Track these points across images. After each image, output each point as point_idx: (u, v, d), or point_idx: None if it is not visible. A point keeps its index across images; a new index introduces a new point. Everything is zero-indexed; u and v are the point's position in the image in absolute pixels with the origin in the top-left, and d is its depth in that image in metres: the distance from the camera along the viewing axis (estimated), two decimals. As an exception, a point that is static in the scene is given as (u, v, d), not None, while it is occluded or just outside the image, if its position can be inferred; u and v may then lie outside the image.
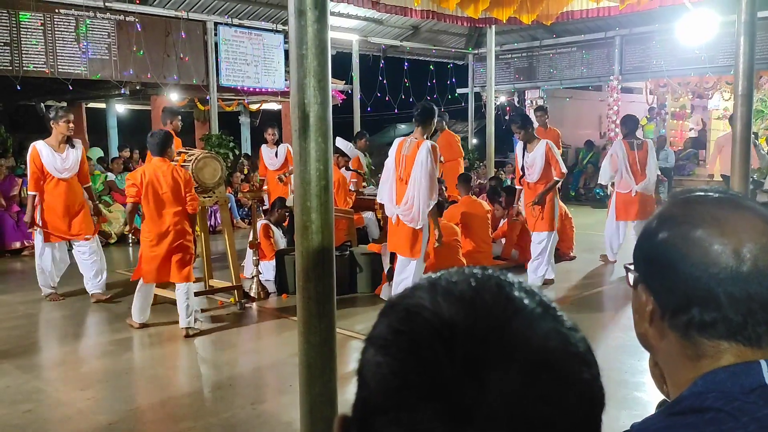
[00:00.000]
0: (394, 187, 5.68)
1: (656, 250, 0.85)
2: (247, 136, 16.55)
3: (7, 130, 10.09)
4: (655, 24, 12.98)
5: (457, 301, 0.52)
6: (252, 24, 11.97)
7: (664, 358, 0.88)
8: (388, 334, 0.53)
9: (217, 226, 10.06)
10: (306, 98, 2.58)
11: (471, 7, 8.92)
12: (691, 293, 0.81)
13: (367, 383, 0.52)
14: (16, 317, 5.94)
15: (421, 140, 5.59)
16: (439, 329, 0.50)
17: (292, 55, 2.61)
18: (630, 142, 7.30)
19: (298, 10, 2.56)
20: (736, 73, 5.09)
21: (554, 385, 0.49)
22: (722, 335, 0.81)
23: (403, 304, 0.55)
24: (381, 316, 0.56)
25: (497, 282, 0.55)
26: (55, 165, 6.14)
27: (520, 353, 0.49)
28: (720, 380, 0.80)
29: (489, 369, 0.48)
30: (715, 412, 0.77)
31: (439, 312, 0.51)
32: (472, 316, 0.51)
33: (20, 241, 8.93)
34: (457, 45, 16.05)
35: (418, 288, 0.56)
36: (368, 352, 0.54)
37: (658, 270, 0.85)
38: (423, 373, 0.49)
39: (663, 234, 0.85)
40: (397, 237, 5.73)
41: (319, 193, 2.62)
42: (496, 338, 0.50)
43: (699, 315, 0.81)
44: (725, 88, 13.74)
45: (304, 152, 2.60)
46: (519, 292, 0.54)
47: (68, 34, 9.79)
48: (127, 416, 3.86)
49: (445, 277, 0.56)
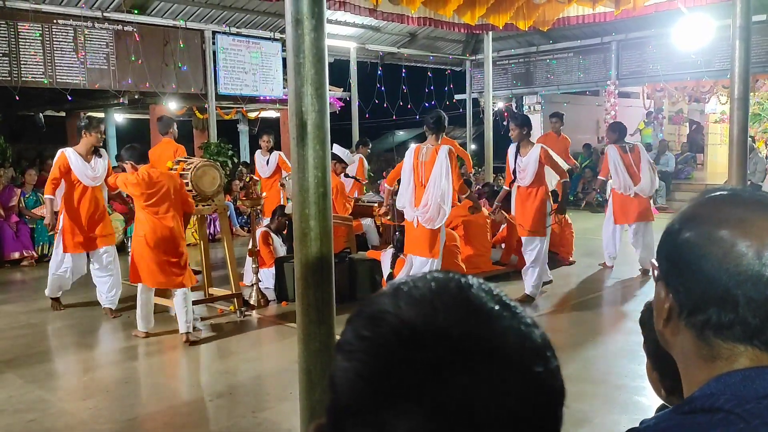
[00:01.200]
0: (414, 192, 5.95)
1: (678, 248, 0.84)
2: (245, 144, 16.58)
3: (6, 141, 10.10)
4: (651, 29, 13.04)
5: (418, 303, 0.55)
6: (250, 32, 12.01)
7: (679, 356, 0.88)
8: (353, 339, 0.55)
9: (216, 234, 10.06)
10: (303, 106, 2.60)
11: (468, 14, 8.96)
12: (709, 294, 0.80)
13: (336, 388, 0.55)
14: (18, 327, 5.94)
15: (437, 146, 5.89)
16: (400, 332, 0.53)
17: (290, 64, 2.63)
18: (621, 146, 7.52)
19: (295, 19, 2.58)
20: (732, 77, 5.12)
21: (513, 380, 0.52)
22: (738, 338, 0.80)
23: (367, 311, 0.57)
24: (348, 323, 0.58)
25: (457, 284, 0.57)
26: (86, 173, 6.16)
27: (479, 351, 0.52)
28: (733, 383, 0.79)
29: (449, 367, 0.51)
30: (725, 414, 0.76)
31: (400, 315, 0.54)
32: (431, 317, 0.53)
33: (19, 251, 8.93)
34: (455, 51, 16.10)
35: (383, 294, 0.58)
36: (337, 358, 0.56)
37: (678, 268, 0.84)
38: (386, 374, 0.51)
39: (686, 233, 0.84)
40: (417, 239, 5.96)
41: (317, 200, 2.64)
42: (454, 338, 0.52)
43: (716, 316, 0.80)
44: (722, 92, 13.79)
45: (302, 160, 2.62)
46: (478, 293, 0.56)
47: (67, 45, 9.83)
48: (128, 425, 3.86)
49: (409, 282, 0.58)
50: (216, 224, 9.86)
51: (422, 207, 5.84)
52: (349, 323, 0.58)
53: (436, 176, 5.78)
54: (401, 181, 6.18)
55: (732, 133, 5.22)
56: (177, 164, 6.17)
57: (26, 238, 9.05)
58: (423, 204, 5.84)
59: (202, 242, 6.48)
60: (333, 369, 0.56)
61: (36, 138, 16.10)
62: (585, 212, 13.17)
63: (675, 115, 17.06)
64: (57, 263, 6.26)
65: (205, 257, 6.46)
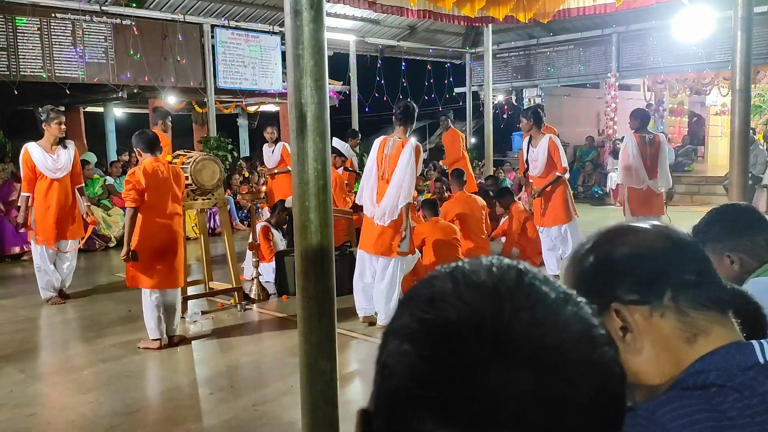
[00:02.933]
0: (376, 186, 5.53)
1: (612, 263, 0.94)
2: (245, 138, 16.55)
3: (6, 135, 10.08)
4: (651, 21, 13.00)
5: (479, 288, 0.53)
6: (249, 26, 11.97)
7: (650, 359, 0.92)
8: (413, 322, 0.53)
9: (216, 228, 10.06)
10: (303, 98, 2.58)
11: (467, 6, 8.92)
12: (661, 275, 0.93)
13: (392, 373, 0.53)
14: (18, 321, 5.94)
15: (405, 140, 5.47)
16: (464, 314, 0.51)
17: (289, 55, 2.61)
18: (642, 137, 6.90)
19: (294, 10, 2.56)
20: (734, 69, 5.09)
21: (578, 368, 0.51)
22: (703, 303, 0.91)
23: (423, 294, 0.55)
24: (401, 307, 0.57)
25: (516, 271, 0.56)
26: (47, 165, 6.16)
27: (546, 337, 0.51)
28: (716, 360, 0.87)
29: (516, 351, 0.50)
30: (718, 388, 0.83)
31: (463, 299, 0.52)
32: (496, 303, 0.52)
33: (20, 246, 8.93)
34: (454, 44, 16.05)
35: (436, 278, 0.57)
36: (391, 343, 0.54)
37: (623, 277, 0.93)
38: (452, 356, 0.50)
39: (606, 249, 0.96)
40: (375, 237, 5.54)
41: (317, 192, 2.62)
42: (522, 324, 0.51)
43: (674, 288, 0.92)
44: (723, 84, 13.76)
45: (302, 152, 2.60)
46: (537, 280, 0.56)
47: (65, 39, 9.80)
48: (128, 419, 3.86)
49: (464, 267, 0.57)
50: (216, 218, 9.85)
51: (382, 203, 5.42)
52: (402, 306, 0.57)
53: (399, 171, 5.36)
54: (363, 173, 5.75)
55: (733, 124, 5.19)
56: (176, 158, 6.15)
57: (26, 232, 9.04)
58: (384, 200, 5.41)
59: (203, 236, 6.47)
60: (386, 353, 0.54)
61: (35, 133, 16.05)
62: (585, 205, 13.15)
63: (676, 108, 17.03)
64: (35, 256, 6.35)
65: (206, 251, 6.46)
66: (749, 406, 0.81)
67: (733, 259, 1.93)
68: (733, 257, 1.92)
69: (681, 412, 0.82)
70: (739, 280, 1.86)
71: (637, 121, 6.97)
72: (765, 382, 0.83)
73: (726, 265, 1.94)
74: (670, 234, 0.96)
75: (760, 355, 0.87)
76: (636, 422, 0.84)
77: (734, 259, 1.93)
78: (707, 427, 0.80)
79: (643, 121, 6.98)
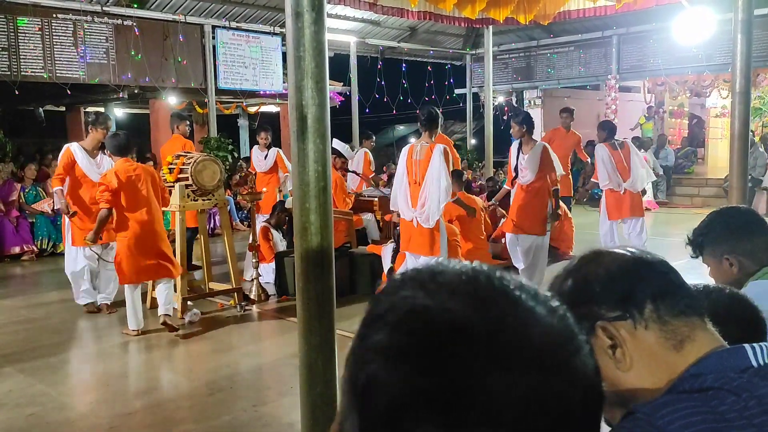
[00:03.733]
0: (409, 191, 5.81)
1: (591, 283, 0.99)
2: (245, 138, 16.56)
3: (6, 135, 10.09)
4: (652, 23, 13.00)
5: (460, 295, 0.52)
6: (250, 27, 11.98)
7: (643, 372, 0.94)
8: (399, 337, 0.51)
9: (216, 229, 10.06)
10: (304, 99, 2.59)
11: (468, 8, 8.92)
12: (638, 289, 0.97)
13: (384, 393, 0.50)
14: (18, 321, 5.94)
15: (432, 144, 5.75)
16: (456, 323, 0.50)
17: (290, 57, 2.62)
18: (611, 143, 7.55)
19: (295, 12, 2.57)
20: (734, 71, 5.10)
21: (569, 364, 0.53)
22: (681, 310, 0.95)
23: (400, 307, 0.53)
24: (372, 323, 0.54)
25: (485, 274, 0.56)
26: (92, 168, 6.14)
27: (537, 339, 0.52)
28: (711, 363, 0.90)
29: (512, 355, 0.50)
30: (716, 391, 0.85)
31: (448, 308, 0.51)
32: (481, 309, 0.52)
33: (19, 246, 8.93)
34: (455, 46, 16.06)
35: (402, 288, 0.55)
36: (374, 362, 0.51)
37: (603, 296, 0.97)
38: (451, 366, 0.49)
39: (582, 271, 1.01)
40: (417, 239, 5.84)
41: (317, 194, 2.62)
42: (510, 327, 0.51)
43: (653, 298, 0.95)
44: (723, 86, 13.76)
45: (303, 154, 2.61)
46: (507, 282, 0.55)
47: (66, 39, 9.80)
48: (128, 419, 3.86)
49: (425, 274, 0.56)
50: (216, 219, 9.86)
51: (420, 207, 5.74)
52: (376, 323, 0.53)
53: (433, 174, 5.66)
54: (395, 180, 6.06)
55: (733, 127, 5.20)
56: (177, 158, 6.16)
57: (26, 232, 9.05)
58: (420, 204, 5.74)
59: (203, 237, 6.48)
60: (368, 373, 0.51)
61: (36, 133, 16.08)
62: (584, 206, 13.15)
63: (676, 110, 17.04)
64: (71, 261, 6.16)
65: (205, 252, 6.46)
66: (746, 408, 0.82)
67: (732, 262, 1.93)
68: (732, 260, 1.93)
69: (679, 414, 0.83)
70: (738, 283, 1.86)
71: (605, 132, 7.72)
72: (761, 385, 0.85)
73: (725, 267, 1.94)
74: (638, 252, 1.02)
75: (753, 359, 0.90)
76: (636, 425, 0.85)
77: (733, 262, 1.93)
78: (705, 429, 0.81)
79: (610, 131, 7.73)
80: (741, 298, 1.39)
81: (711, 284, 1.47)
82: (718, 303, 1.27)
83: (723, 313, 1.12)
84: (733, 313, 1.27)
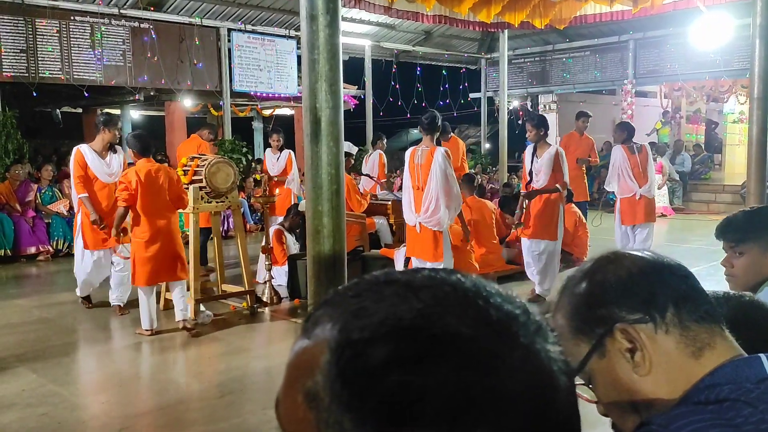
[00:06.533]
0: (413, 196, 5.78)
1: (612, 284, 0.96)
2: (260, 141, 16.62)
3: (23, 137, 10.18)
4: (669, 27, 12.91)
5: (461, 304, 0.50)
6: (265, 30, 12.04)
7: (661, 378, 0.92)
8: (406, 350, 0.46)
9: (229, 231, 10.09)
10: (318, 102, 2.58)
11: (483, 12, 8.91)
12: (660, 292, 0.94)
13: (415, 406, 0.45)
14: (31, 321, 5.98)
15: (433, 147, 5.68)
16: (474, 332, 0.48)
17: (304, 60, 2.62)
18: (629, 147, 7.29)
19: (310, 15, 2.57)
20: (752, 76, 5.05)
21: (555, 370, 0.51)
22: (701, 315, 0.93)
23: (404, 317, 0.48)
24: (380, 340, 0.47)
25: (473, 284, 0.53)
26: (102, 169, 6.16)
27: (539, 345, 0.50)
28: (726, 374, 0.88)
29: (530, 359, 0.49)
30: (732, 402, 0.83)
31: (460, 314, 0.49)
32: (485, 314, 0.50)
33: (35, 246, 9.01)
34: (470, 50, 16.04)
35: (388, 297, 0.50)
36: (394, 374, 0.45)
37: (625, 297, 0.95)
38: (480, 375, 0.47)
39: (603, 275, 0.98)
40: (420, 243, 5.81)
41: (330, 197, 2.62)
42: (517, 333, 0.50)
43: (675, 303, 0.93)
44: (741, 92, 13.63)
45: (316, 156, 2.60)
46: (491, 293, 0.52)
47: (83, 41, 9.90)
48: (139, 420, 3.87)
49: (404, 280, 0.52)
50: (230, 221, 9.89)
51: (424, 212, 5.69)
52: (385, 338, 0.47)
53: (435, 178, 5.59)
54: (403, 186, 6.05)
55: (751, 133, 5.15)
56: (191, 161, 6.19)
57: (42, 233, 9.12)
58: (424, 209, 5.69)
59: (216, 239, 6.49)
60: (385, 390, 0.45)
61: (53, 134, 16.25)
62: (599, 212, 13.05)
63: (693, 115, 16.90)
64: (82, 263, 6.19)
65: (219, 254, 6.47)
66: (764, 421, 0.80)
67: None
68: None
69: (695, 426, 0.81)
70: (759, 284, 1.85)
71: (623, 134, 7.41)
72: None
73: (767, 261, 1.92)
74: (658, 256, 1.00)
75: None
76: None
77: None
78: None
79: (629, 133, 7.41)
80: (761, 306, 1.36)
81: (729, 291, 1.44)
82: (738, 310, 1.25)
83: (742, 321, 1.10)
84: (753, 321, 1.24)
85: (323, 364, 0.48)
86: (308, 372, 0.49)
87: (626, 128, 7.56)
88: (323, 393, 0.48)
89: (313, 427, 0.48)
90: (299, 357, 0.52)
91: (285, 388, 0.53)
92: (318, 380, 0.48)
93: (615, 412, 0.97)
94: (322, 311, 0.53)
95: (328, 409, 0.47)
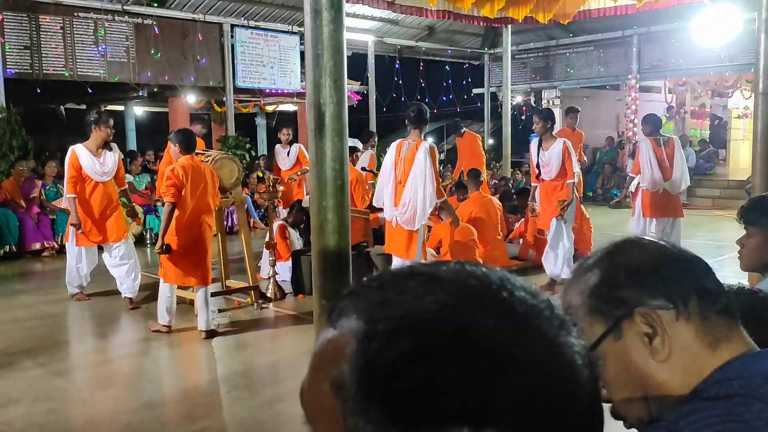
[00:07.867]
0: (393, 190, 5.63)
1: (635, 268, 0.95)
2: (263, 137, 16.64)
3: (28, 133, 10.21)
4: (673, 22, 12.87)
5: (489, 297, 0.51)
6: (268, 26, 12.03)
7: (676, 366, 0.91)
8: (434, 341, 0.47)
9: (234, 227, 10.11)
10: (322, 98, 2.59)
11: (487, 7, 8.89)
12: (686, 279, 0.94)
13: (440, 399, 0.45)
14: (38, 317, 6.00)
15: (419, 141, 5.57)
16: (502, 323, 0.49)
17: (308, 55, 2.62)
18: (656, 139, 7.05)
19: (314, 10, 2.57)
20: (757, 71, 5.03)
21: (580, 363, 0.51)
22: (720, 309, 0.93)
23: (427, 308, 0.49)
24: (401, 331, 0.48)
25: (499, 278, 0.54)
26: (95, 168, 6.13)
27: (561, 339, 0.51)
28: (737, 368, 0.88)
29: (555, 351, 0.50)
30: (741, 397, 0.83)
31: (485, 308, 0.50)
32: (508, 307, 0.50)
33: (40, 242, 9.03)
34: (473, 45, 16.01)
35: (409, 290, 0.51)
36: (419, 368, 0.46)
37: (648, 281, 0.94)
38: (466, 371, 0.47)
39: (626, 257, 0.97)
40: (394, 239, 5.71)
41: (335, 192, 2.62)
42: (535, 325, 0.50)
43: (698, 292, 0.93)
44: (745, 87, 13.59)
45: (320, 152, 2.61)
46: (520, 287, 0.54)
47: (87, 38, 9.91)
48: (146, 415, 3.88)
49: (428, 270, 0.53)
50: (234, 217, 9.90)
51: (401, 207, 5.53)
52: (405, 331, 0.48)
53: (416, 174, 5.43)
54: (381, 176, 5.84)
55: (756, 128, 5.13)
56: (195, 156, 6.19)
57: (47, 228, 9.15)
58: (402, 204, 5.52)
59: (220, 235, 6.50)
60: (411, 380, 0.46)
61: (57, 130, 16.26)
62: (603, 207, 13.05)
63: (697, 110, 16.85)
64: (74, 258, 6.28)
65: (223, 249, 6.49)
66: None
67: None
68: None
69: (705, 422, 0.81)
70: None
71: (648, 126, 7.14)
72: None
73: None
74: (677, 246, 1.00)
75: None
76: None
77: None
78: None
79: (654, 125, 7.14)
80: None
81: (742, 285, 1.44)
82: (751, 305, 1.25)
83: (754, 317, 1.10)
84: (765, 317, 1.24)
85: (349, 354, 0.49)
86: (334, 361, 0.50)
87: (650, 120, 7.25)
88: (349, 382, 0.48)
89: (338, 415, 0.49)
90: (325, 347, 0.52)
91: (310, 377, 0.53)
92: (344, 370, 0.49)
93: (620, 396, 0.96)
94: (346, 302, 0.53)
95: (354, 397, 0.48)
